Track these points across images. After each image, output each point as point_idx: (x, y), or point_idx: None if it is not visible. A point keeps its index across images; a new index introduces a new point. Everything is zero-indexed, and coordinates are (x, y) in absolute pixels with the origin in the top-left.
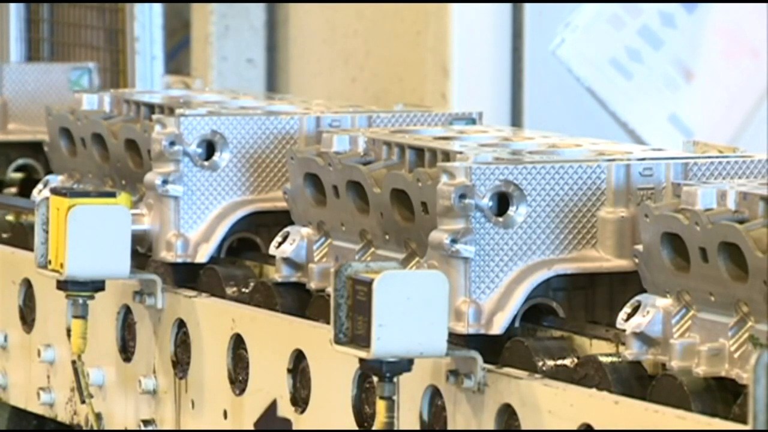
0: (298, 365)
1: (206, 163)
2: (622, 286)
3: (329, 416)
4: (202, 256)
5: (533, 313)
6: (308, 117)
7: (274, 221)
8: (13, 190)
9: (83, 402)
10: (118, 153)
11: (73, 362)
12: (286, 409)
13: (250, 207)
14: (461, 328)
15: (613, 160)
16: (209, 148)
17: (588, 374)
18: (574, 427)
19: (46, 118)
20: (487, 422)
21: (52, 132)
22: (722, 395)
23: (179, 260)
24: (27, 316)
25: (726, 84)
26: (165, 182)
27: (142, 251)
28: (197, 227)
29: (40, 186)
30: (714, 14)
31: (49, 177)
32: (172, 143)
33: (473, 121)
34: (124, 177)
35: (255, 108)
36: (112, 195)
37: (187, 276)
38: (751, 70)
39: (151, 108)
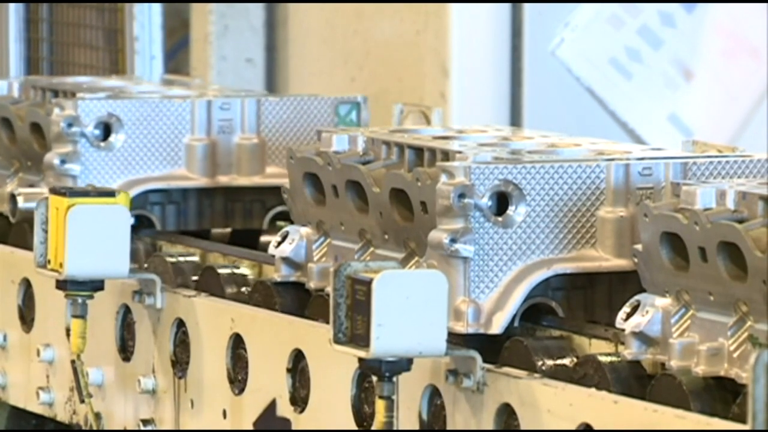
0: (298, 365)
1: (102, 144)
2: (622, 286)
3: (329, 416)
4: None
5: (532, 313)
6: (199, 101)
7: (167, 199)
8: None
9: (82, 401)
10: (24, 136)
11: (73, 362)
12: (285, 409)
13: (144, 185)
14: (460, 328)
15: (613, 159)
16: (106, 129)
17: (587, 374)
18: (574, 427)
19: None
20: (487, 422)
21: None
22: (721, 395)
23: None
24: (26, 315)
25: (726, 83)
26: (63, 162)
27: None
28: None
29: None
30: (714, 14)
31: None
32: (70, 125)
33: (357, 105)
34: (30, 158)
35: (152, 93)
36: (112, 194)
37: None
38: (751, 70)
39: (56, 93)
